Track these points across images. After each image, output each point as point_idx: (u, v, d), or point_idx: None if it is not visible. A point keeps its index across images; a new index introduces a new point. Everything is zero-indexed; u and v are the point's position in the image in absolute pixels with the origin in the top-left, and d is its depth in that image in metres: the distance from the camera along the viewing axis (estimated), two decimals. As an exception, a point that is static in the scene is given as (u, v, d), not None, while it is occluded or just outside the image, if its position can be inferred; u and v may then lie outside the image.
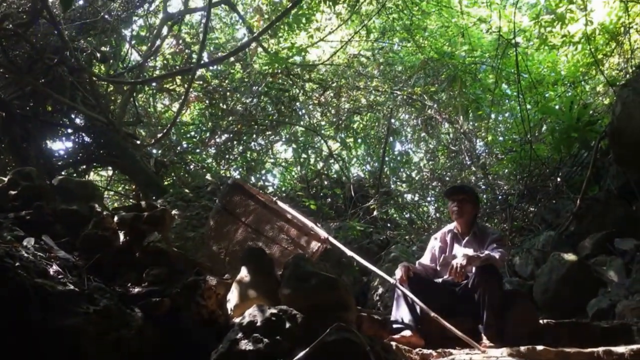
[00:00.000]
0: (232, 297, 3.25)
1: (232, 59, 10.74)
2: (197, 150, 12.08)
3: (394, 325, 3.57)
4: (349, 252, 3.65)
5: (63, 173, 7.23)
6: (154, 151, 10.02)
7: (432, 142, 12.87)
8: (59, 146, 8.55)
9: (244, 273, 3.30)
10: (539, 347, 3.09)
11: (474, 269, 3.66)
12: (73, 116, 8.22)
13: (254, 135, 12.40)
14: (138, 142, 7.47)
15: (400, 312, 3.59)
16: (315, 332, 2.70)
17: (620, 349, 3.12)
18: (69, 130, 8.20)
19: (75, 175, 7.93)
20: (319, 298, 3.05)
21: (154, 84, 10.24)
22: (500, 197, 9.00)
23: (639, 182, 6.37)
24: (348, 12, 10.95)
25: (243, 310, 3.12)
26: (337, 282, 3.16)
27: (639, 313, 4.60)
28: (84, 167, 8.73)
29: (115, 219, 3.58)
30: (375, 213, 9.18)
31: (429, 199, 12.11)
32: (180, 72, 8.78)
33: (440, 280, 3.95)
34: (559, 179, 8.13)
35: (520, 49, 7.71)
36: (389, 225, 10.02)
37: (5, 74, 6.65)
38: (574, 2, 7.51)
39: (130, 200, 9.40)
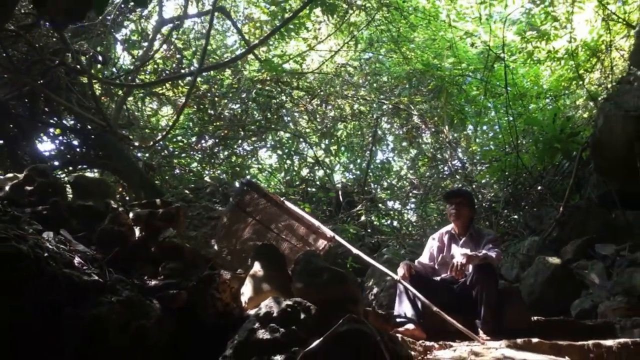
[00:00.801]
0: (246, 291, 3.40)
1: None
2: (183, 155, 12.16)
3: (397, 320, 3.76)
4: (355, 250, 3.84)
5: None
6: (139, 154, 10.12)
7: (415, 151, 13.15)
8: (47, 147, 8.59)
9: (257, 267, 3.45)
10: (534, 340, 3.30)
11: (471, 267, 3.88)
12: (62, 117, 8.25)
13: (240, 141, 12.55)
14: (136, 144, 7.53)
15: (403, 307, 3.79)
16: (328, 323, 2.86)
17: (609, 342, 3.34)
18: (56, 132, 8.22)
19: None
20: (330, 292, 3.21)
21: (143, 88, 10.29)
22: (485, 204, 9.30)
23: (618, 191, 6.69)
24: (337, 22, 11.18)
25: (257, 303, 3.28)
26: (347, 277, 3.33)
27: (621, 313, 4.86)
28: (70, 168, 8.75)
29: (131, 215, 3.70)
30: (362, 218, 9.38)
31: (410, 206, 12.41)
32: (180, 76, 8.92)
33: (438, 278, 4.16)
34: (540, 187, 8.44)
35: (507, 62, 8.00)
36: (376, 230, 10.25)
37: (4, 74, 6.68)
38: (558, 20, 7.86)
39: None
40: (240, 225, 3.99)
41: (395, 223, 11.56)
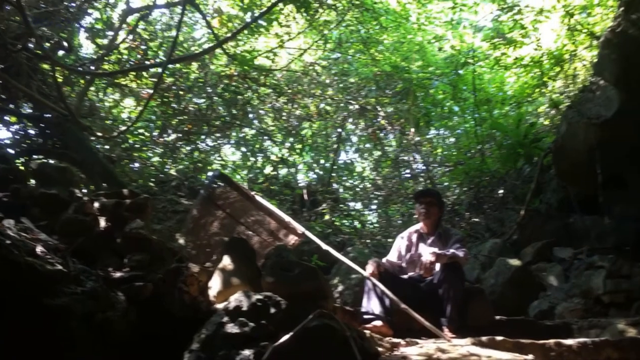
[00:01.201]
0: (215, 284, 3.36)
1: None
2: (145, 148, 11.91)
3: (365, 316, 3.78)
4: (325, 246, 3.83)
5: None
6: (98, 146, 9.85)
7: (379, 152, 13.24)
8: (1, 135, 8.28)
9: (226, 261, 3.41)
10: (499, 338, 3.36)
11: (438, 265, 3.93)
12: (20, 104, 7.96)
13: (204, 136, 12.38)
14: (99, 134, 7.32)
15: (371, 304, 3.81)
16: (298, 318, 2.85)
17: (569, 341, 3.43)
18: (11, 119, 7.93)
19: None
20: (301, 287, 3.20)
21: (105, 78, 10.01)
22: (448, 206, 9.44)
23: (577, 197, 6.91)
24: (308, 20, 11.17)
25: (226, 297, 3.24)
26: (318, 272, 3.33)
27: (578, 314, 5.02)
28: (26, 158, 8.45)
29: (96, 204, 3.60)
30: (327, 217, 9.41)
31: (371, 207, 12.51)
32: (148, 67, 8.72)
33: (406, 276, 4.20)
34: (502, 191, 8.64)
35: (475, 68, 8.17)
36: (338, 230, 10.28)
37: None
38: (525, 28, 8.06)
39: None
40: (209, 218, 3.95)
41: (356, 223, 11.62)
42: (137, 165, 11.03)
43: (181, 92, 11.39)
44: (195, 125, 11.68)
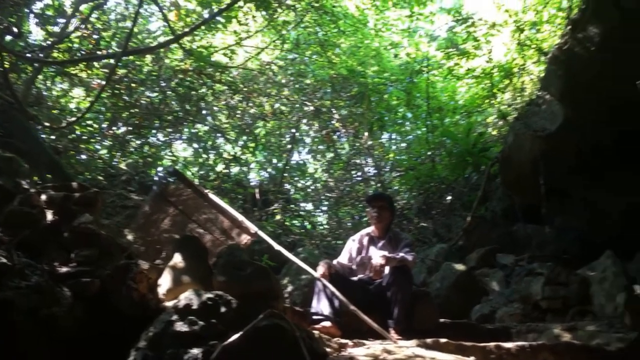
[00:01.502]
0: (165, 282, 3.32)
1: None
2: (92, 140, 11.58)
3: (315, 317, 3.82)
4: (277, 246, 3.86)
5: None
6: (43, 135, 9.50)
7: (331, 154, 13.34)
8: None
9: (177, 259, 3.38)
10: (442, 340, 3.48)
11: (387, 268, 4.02)
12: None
13: (155, 131, 12.16)
14: (47, 124, 7.08)
15: (321, 305, 3.86)
16: (248, 317, 2.86)
17: (508, 345, 3.58)
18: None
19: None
20: (253, 286, 3.21)
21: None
22: (397, 211, 9.62)
23: (521, 206, 7.18)
24: (266, 19, 11.15)
25: (176, 295, 3.21)
26: (270, 272, 3.35)
27: (517, 318, 5.22)
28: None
29: (43, 197, 3.50)
30: (278, 217, 9.42)
31: (322, 209, 12.61)
32: (102, 57, 8.48)
33: (356, 278, 4.27)
34: (450, 198, 8.88)
35: (429, 76, 8.37)
36: (288, 230, 10.31)
37: None
38: (478, 40, 8.33)
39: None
40: (160, 215, 3.90)
41: (307, 224, 11.68)
42: (84, 157, 10.73)
43: (133, 85, 11.15)
44: (146, 119, 11.45)
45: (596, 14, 5.61)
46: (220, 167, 12.71)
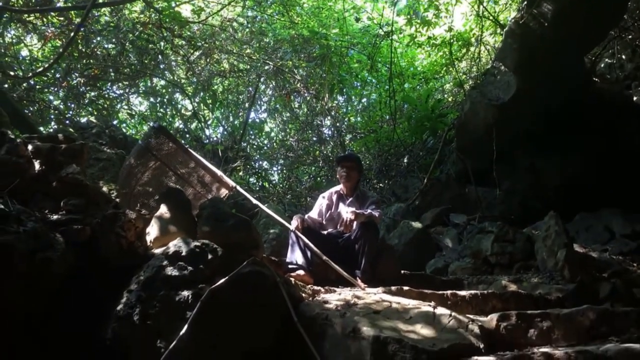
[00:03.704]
0: (152, 231, 3.51)
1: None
2: (46, 90, 11.29)
3: (289, 266, 4.12)
4: (254, 201, 4.10)
5: None
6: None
7: (289, 114, 13.43)
8: None
9: (163, 209, 3.57)
10: (405, 288, 3.84)
11: (355, 223, 4.34)
12: None
13: (111, 83, 11.93)
14: (12, 74, 6.93)
15: (295, 255, 4.15)
16: (232, 265, 3.13)
17: (463, 292, 3.98)
18: None
19: None
20: (235, 237, 3.44)
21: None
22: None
23: (473, 169, 7.62)
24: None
25: (163, 243, 3.42)
26: (251, 224, 3.59)
27: (468, 272, 5.69)
28: None
29: (30, 147, 3.59)
30: (241, 174, 9.58)
31: (277, 168, 12.81)
32: (72, 7, 8.18)
33: (325, 232, 4.59)
34: (408, 160, 9.27)
35: (392, 41, 8.59)
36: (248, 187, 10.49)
37: None
38: (439, 9, 8.58)
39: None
40: (141, 168, 4.04)
41: (264, 182, 11.85)
42: (37, 107, 10.47)
43: (90, 35, 10.86)
44: (102, 71, 11.22)
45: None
46: (178, 123, 12.65)
